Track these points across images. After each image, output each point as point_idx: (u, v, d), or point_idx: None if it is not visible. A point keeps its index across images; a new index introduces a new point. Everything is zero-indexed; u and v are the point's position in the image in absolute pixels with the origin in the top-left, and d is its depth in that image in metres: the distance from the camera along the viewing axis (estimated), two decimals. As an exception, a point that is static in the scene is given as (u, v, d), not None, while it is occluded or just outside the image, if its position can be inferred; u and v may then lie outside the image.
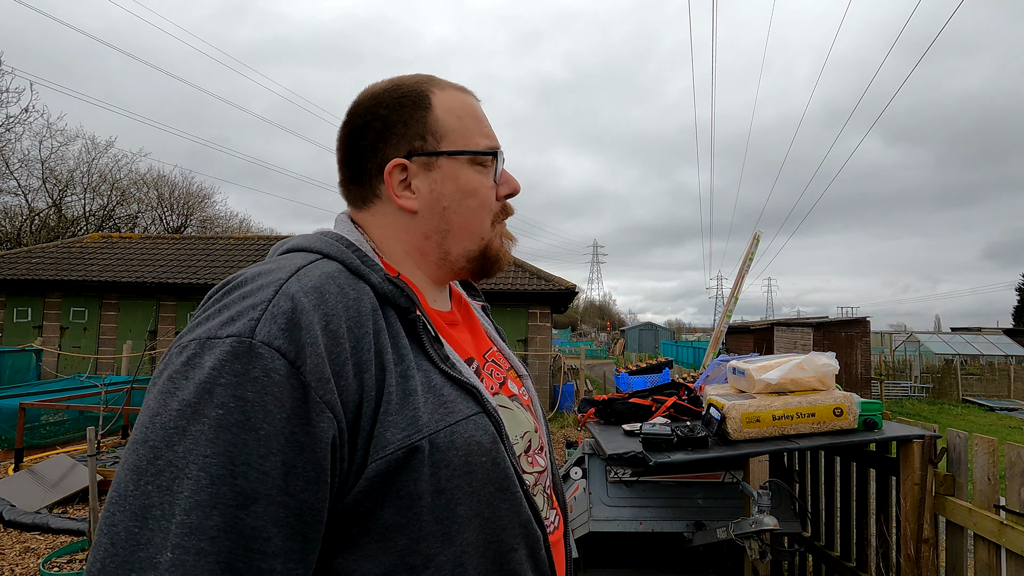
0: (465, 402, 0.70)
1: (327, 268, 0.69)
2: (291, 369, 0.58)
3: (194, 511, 0.52)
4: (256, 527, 0.54)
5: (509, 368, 0.92)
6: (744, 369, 2.32)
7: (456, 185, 0.79)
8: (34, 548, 4.18)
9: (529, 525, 0.72)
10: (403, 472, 0.63)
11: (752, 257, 10.49)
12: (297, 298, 0.62)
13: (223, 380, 0.56)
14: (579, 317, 76.89)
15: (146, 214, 25.40)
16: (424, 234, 0.80)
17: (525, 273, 12.34)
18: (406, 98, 0.79)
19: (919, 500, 2.22)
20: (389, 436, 0.63)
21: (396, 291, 0.71)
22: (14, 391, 7.51)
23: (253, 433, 0.55)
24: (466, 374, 0.73)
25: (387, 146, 0.79)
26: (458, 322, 0.87)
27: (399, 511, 0.63)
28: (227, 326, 0.59)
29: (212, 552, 0.52)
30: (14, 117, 17.89)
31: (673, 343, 40.90)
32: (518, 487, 0.72)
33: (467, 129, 0.80)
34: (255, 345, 0.57)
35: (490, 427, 0.71)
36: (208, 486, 0.53)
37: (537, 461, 0.84)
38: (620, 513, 2.78)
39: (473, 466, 0.67)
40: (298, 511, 0.57)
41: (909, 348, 24.53)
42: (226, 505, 0.53)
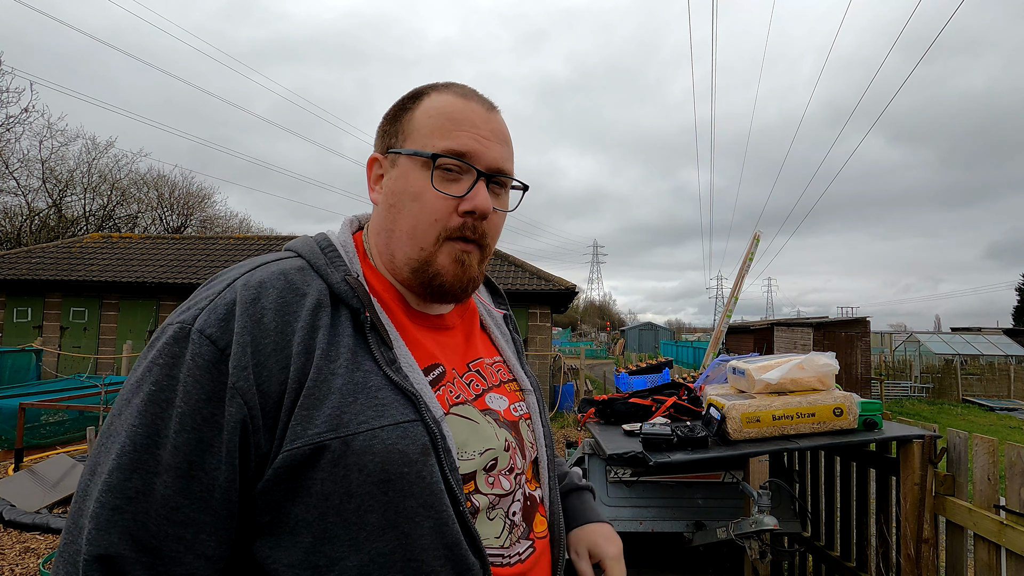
0: (401, 408, 0.68)
1: (287, 265, 0.73)
2: (219, 356, 0.63)
3: (115, 472, 0.60)
4: (166, 495, 0.61)
5: (507, 381, 0.88)
6: (744, 369, 2.32)
7: (405, 185, 0.76)
8: (34, 548, 4.18)
9: (457, 549, 0.67)
10: (312, 469, 0.64)
11: (752, 257, 10.49)
12: (240, 291, 0.67)
13: (161, 361, 0.64)
14: (579, 317, 76.88)
15: (146, 214, 25.41)
16: (378, 228, 0.81)
17: (525, 273, 12.33)
18: (407, 100, 0.81)
19: (919, 500, 2.22)
20: (301, 430, 0.64)
21: (349, 292, 0.72)
22: (14, 391, 7.50)
23: (174, 409, 0.62)
24: (412, 380, 0.71)
25: (378, 142, 0.83)
26: (448, 327, 0.84)
27: (307, 508, 0.64)
28: (182, 314, 0.67)
29: (128, 510, 0.60)
30: (14, 117, 17.92)
31: (673, 343, 40.89)
32: (447, 505, 0.67)
33: (431, 129, 0.76)
34: (191, 332, 0.64)
35: (423, 437, 0.67)
36: (131, 451, 0.61)
37: (500, 483, 0.78)
38: (620, 513, 2.78)
39: (390, 475, 0.65)
40: (208, 486, 0.62)
41: (909, 348, 24.53)
42: (144, 471, 0.61)
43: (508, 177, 0.80)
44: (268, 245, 14.32)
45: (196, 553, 0.62)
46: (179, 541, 0.61)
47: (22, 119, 18.05)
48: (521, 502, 0.80)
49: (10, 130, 18.11)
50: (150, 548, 0.60)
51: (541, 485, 0.86)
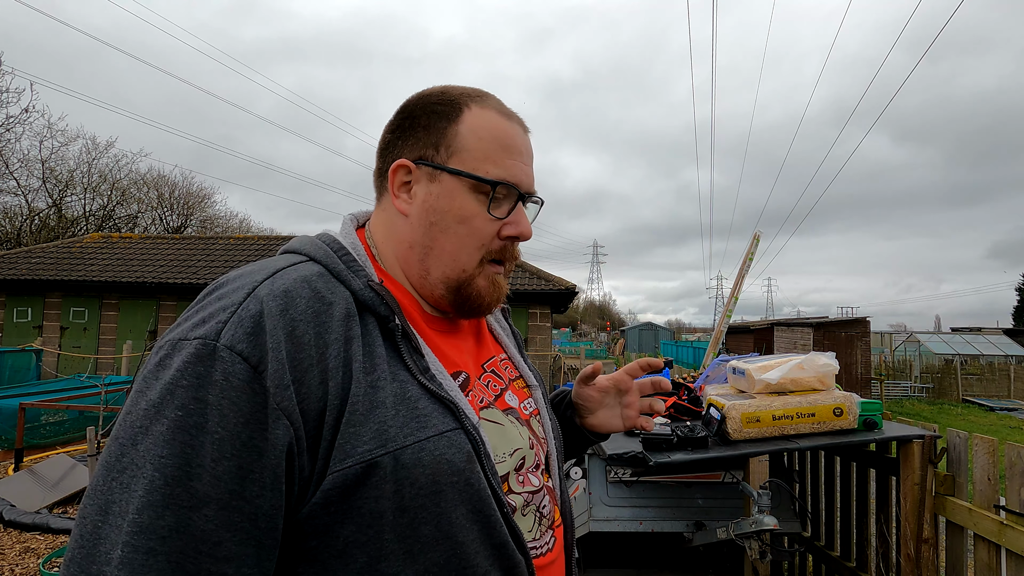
0: (441, 417, 0.67)
1: (306, 271, 0.68)
2: (252, 374, 0.58)
3: (146, 510, 0.53)
4: (207, 530, 0.55)
5: (516, 378, 0.88)
6: (744, 369, 2.31)
7: (450, 205, 0.75)
8: (34, 548, 4.18)
9: (505, 548, 0.69)
10: (363, 488, 0.61)
11: (752, 257, 10.49)
12: (266, 302, 0.62)
13: (184, 382, 0.56)
14: (579, 317, 76.89)
15: (146, 214, 25.41)
16: (409, 243, 0.77)
17: (525, 273, 12.34)
18: (440, 105, 0.77)
19: (919, 500, 2.22)
20: (349, 448, 0.61)
21: (376, 299, 0.69)
22: (14, 391, 7.50)
23: (208, 436, 0.55)
24: (446, 387, 0.70)
25: (404, 145, 0.78)
26: (459, 328, 0.84)
27: (359, 528, 0.61)
28: (197, 328, 0.59)
29: (162, 552, 0.53)
30: (14, 117, 17.92)
31: (673, 343, 40.91)
32: (494, 509, 0.68)
33: (483, 153, 0.75)
34: (218, 348, 0.58)
35: (466, 445, 0.67)
36: (162, 487, 0.54)
37: (530, 480, 0.80)
38: (620, 513, 2.78)
39: (441, 485, 0.64)
40: (252, 516, 0.57)
41: (909, 348, 24.53)
42: (179, 506, 0.54)
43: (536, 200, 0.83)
44: (268, 245, 14.32)
45: None
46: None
47: (22, 119, 18.07)
48: (547, 495, 0.83)
49: (10, 130, 18.12)
50: None
51: (552, 476, 0.88)
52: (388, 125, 0.82)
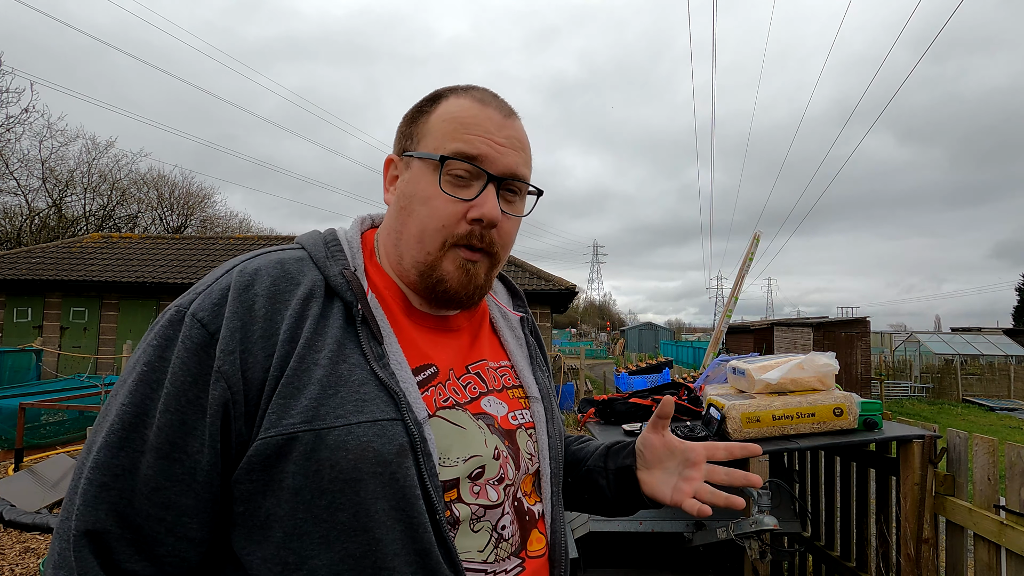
0: (382, 405, 0.66)
1: (288, 255, 0.74)
2: (208, 340, 0.64)
3: (103, 449, 0.62)
4: (149, 475, 0.62)
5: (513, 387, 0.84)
6: (744, 369, 2.31)
7: (415, 188, 0.75)
8: (34, 548, 4.18)
9: (427, 559, 0.64)
10: (283, 461, 0.62)
11: (752, 257, 10.49)
12: (235, 277, 0.69)
13: (155, 342, 0.65)
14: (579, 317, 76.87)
15: (146, 214, 25.41)
16: (388, 229, 0.80)
17: (525, 273, 12.33)
18: (425, 101, 0.81)
19: (919, 500, 2.22)
20: (275, 419, 0.63)
21: (343, 284, 0.72)
22: (14, 391, 7.50)
23: (162, 390, 0.63)
24: (398, 377, 0.68)
25: (395, 143, 0.82)
26: (454, 329, 0.82)
27: (278, 502, 0.63)
28: (182, 298, 0.69)
29: (114, 488, 0.61)
30: (14, 117, 17.92)
31: (673, 343, 40.90)
32: (421, 511, 0.65)
33: (443, 133, 0.74)
34: (186, 315, 0.66)
35: (401, 437, 0.65)
36: (119, 430, 0.62)
37: (487, 493, 0.73)
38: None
39: (363, 474, 0.62)
40: (191, 469, 0.63)
41: (909, 348, 24.52)
42: (131, 450, 0.62)
43: (522, 182, 0.78)
44: (268, 245, 14.29)
45: (178, 535, 0.63)
46: (161, 522, 0.62)
47: (22, 119, 18.08)
48: (512, 515, 0.75)
49: (10, 130, 18.12)
50: (134, 526, 0.62)
51: (543, 499, 0.82)
52: None
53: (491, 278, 0.80)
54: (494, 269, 0.79)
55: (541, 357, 0.94)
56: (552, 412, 0.87)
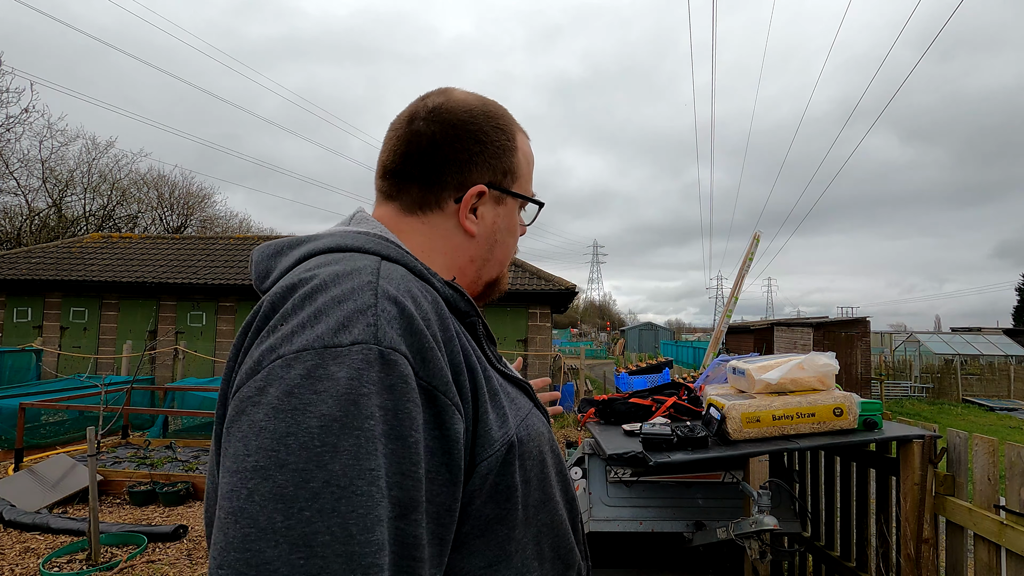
0: (522, 398, 0.75)
1: (400, 271, 0.66)
2: (416, 375, 0.57)
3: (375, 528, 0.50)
4: (416, 535, 0.54)
5: None
6: (744, 369, 2.31)
7: (508, 223, 0.85)
8: (34, 548, 4.18)
9: (574, 502, 0.80)
10: (503, 467, 0.66)
11: (752, 257, 10.49)
12: (400, 301, 0.59)
13: (365, 390, 0.53)
14: (579, 317, 76.88)
15: (146, 214, 25.41)
16: (471, 257, 0.84)
17: (525, 273, 12.33)
18: (502, 132, 0.83)
19: (919, 500, 2.22)
20: (491, 434, 0.65)
21: (457, 296, 0.71)
22: (14, 391, 7.51)
23: (403, 442, 0.54)
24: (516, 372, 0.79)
25: (476, 169, 0.80)
26: None
27: (499, 504, 0.65)
28: (341, 333, 0.55)
29: (386, 567, 0.51)
30: (14, 117, 17.93)
31: (673, 343, 40.91)
32: (566, 470, 0.80)
33: (528, 176, 0.88)
34: (384, 352, 0.55)
35: (543, 418, 0.78)
36: (380, 500, 0.51)
37: None
38: (620, 513, 2.78)
39: (544, 454, 0.73)
40: (437, 515, 0.57)
41: (909, 348, 24.53)
42: (391, 517, 0.52)
43: None
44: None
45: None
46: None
47: (22, 119, 18.08)
48: None
49: (10, 130, 18.13)
50: None
51: None
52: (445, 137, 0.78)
53: None
54: None
55: None
56: None
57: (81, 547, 4.08)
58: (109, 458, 6.02)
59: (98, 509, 3.97)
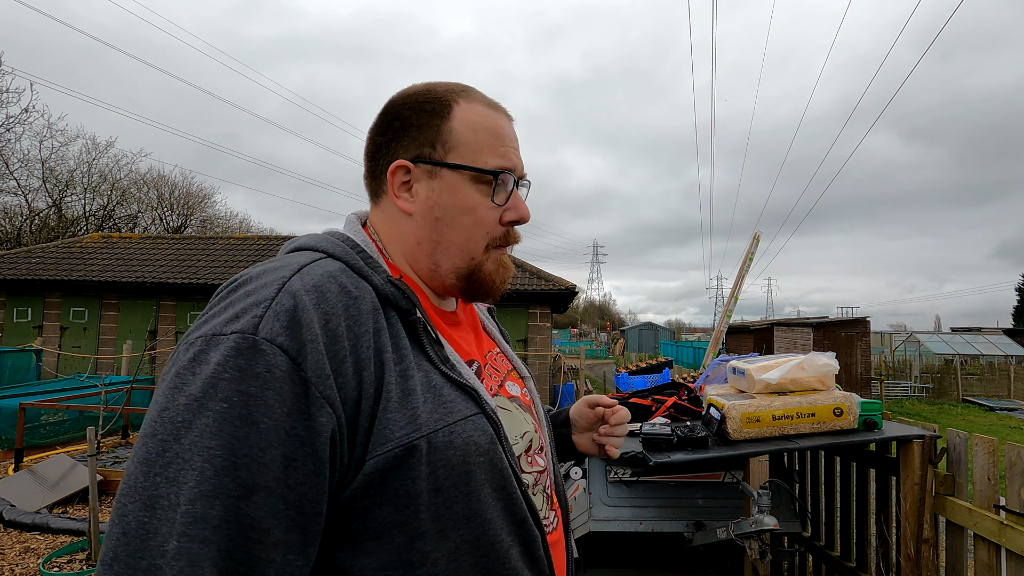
0: (464, 403, 0.71)
1: (330, 267, 0.70)
2: (292, 365, 0.59)
3: (198, 501, 0.54)
4: (256, 517, 0.56)
5: (510, 369, 0.93)
6: (744, 369, 2.32)
7: (453, 199, 0.78)
8: (34, 548, 4.18)
9: (525, 524, 0.74)
10: (401, 470, 0.64)
11: (752, 257, 10.49)
12: (299, 296, 0.63)
13: (227, 375, 0.58)
14: (579, 317, 76.87)
15: (146, 214, 25.41)
16: (416, 239, 0.80)
17: (525, 273, 12.33)
18: (429, 103, 0.80)
19: (919, 500, 2.22)
20: (388, 433, 0.64)
21: (397, 293, 0.72)
22: (14, 391, 7.50)
23: (254, 427, 0.57)
24: (466, 375, 0.74)
25: (399, 146, 0.80)
26: (461, 322, 0.88)
27: (397, 509, 0.64)
28: (231, 323, 0.61)
29: (215, 540, 0.55)
30: (14, 117, 17.92)
31: (673, 343, 40.91)
32: (515, 487, 0.73)
33: (479, 144, 0.79)
34: (258, 341, 0.59)
35: (488, 428, 0.72)
36: (212, 477, 0.55)
37: (537, 461, 0.85)
38: (620, 513, 2.78)
39: (471, 466, 0.68)
40: (297, 503, 0.59)
41: (909, 348, 24.53)
42: (228, 496, 0.55)
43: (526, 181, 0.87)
44: (268, 245, 14.32)
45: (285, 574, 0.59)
46: (269, 564, 0.58)
47: (22, 119, 18.07)
48: (548, 475, 0.88)
49: (10, 130, 18.12)
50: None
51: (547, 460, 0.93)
52: (375, 128, 0.83)
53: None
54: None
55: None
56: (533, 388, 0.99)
57: (81, 547, 4.08)
58: (109, 458, 6.03)
59: (98, 509, 3.97)
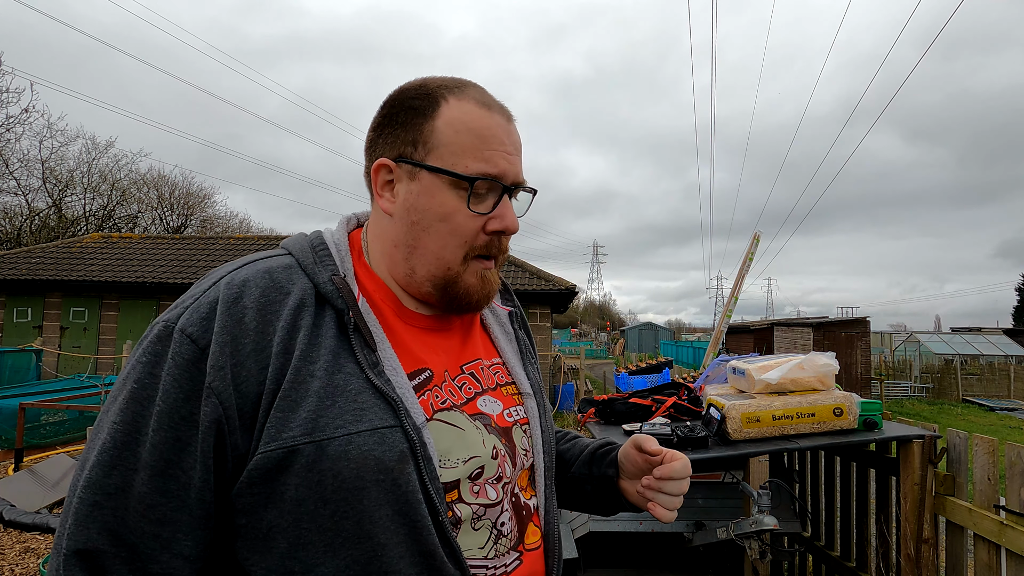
0: (380, 413, 0.66)
1: (275, 263, 0.73)
2: (198, 355, 0.64)
3: (96, 468, 0.62)
4: (144, 492, 0.62)
5: (506, 384, 0.84)
6: (744, 369, 2.31)
7: (430, 203, 0.73)
8: (34, 548, 4.18)
9: (432, 560, 0.66)
10: (284, 474, 0.63)
11: (752, 257, 10.49)
12: (222, 290, 0.67)
13: (144, 359, 0.65)
14: (579, 317, 76.87)
15: (146, 214, 25.41)
16: (393, 241, 0.77)
17: (525, 273, 12.33)
18: (418, 100, 0.76)
19: (919, 500, 2.22)
20: (274, 433, 0.63)
21: (334, 292, 0.71)
22: (14, 391, 7.50)
23: (153, 407, 0.63)
24: (394, 384, 0.69)
25: (384, 144, 0.77)
26: (447, 328, 0.81)
27: (281, 513, 0.63)
28: (168, 313, 0.68)
29: (107, 507, 0.61)
30: (14, 117, 17.92)
31: (673, 343, 40.90)
32: (424, 515, 0.66)
33: (460, 147, 0.73)
34: (173, 331, 0.65)
35: (401, 444, 0.66)
36: (111, 448, 0.62)
37: (486, 492, 0.74)
38: (620, 513, 2.78)
39: (365, 482, 0.63)
40: (185, 485, 0.63)
41: (909, 348, 24.53)
42: (124, 468, 0.62)
43: (526, 189, 0.81)
44: (268, 245, 14.32)
45: (173, 552, 0.63)
46: (156, 539, 0.62)
47: (22, 119, 18.07)
48: (510, 511, 0.77)
49: (10, 130, 18.12)
50: (128, 544, 0.61)
51: (536, 493, 0.83)
52: (372, 122, 0.80)
53: (499, 279, 0.83)
54: (499, 269, 0.82)
55: (531, 351, 0.96)
56: (544, 407, 0.89)
57: (81, 547, 4.08)
58: (109, 458, 6.02)
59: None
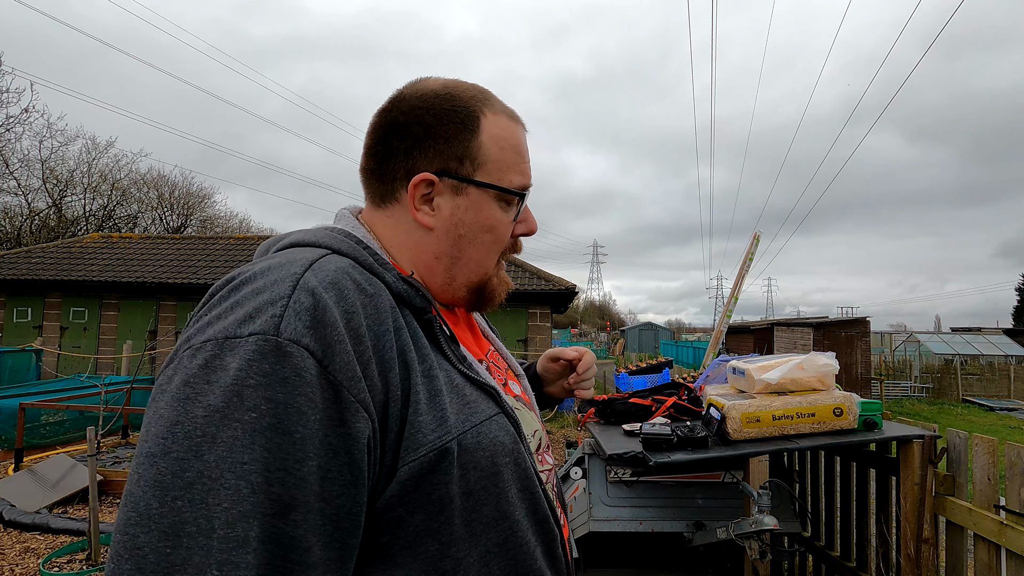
0: (485, 403, 0.69)
1: (340, 263, 0.65)
2: (320, 368, 0.54)
3: (238, 523, 0.48)
4: (295, 536, 0.51)
5: (507, 368, 0.91)
6: (744, 369, 2.31)
7: (478, 217, 0.76)
8: (34, 548, 4.18)
9: (546, 523, 0.72)
10: (434, 475, 0.61)
11: (752, 257, 10.49)
12: (317, 293, 0.58)
13: (251, 381, 0.51)
14: (579, 317, 76.88)
15: (146, 214, 25.42)
16: (435, 254, 0.77)
17: (525, 273, 12.33)
18: (455, 113, 0.75)
19: (919, 500, 2.22)
20: (420, 437, 0.60)
21: (411, 291, 0.69)
22: (14, 391, 7.50)
23: (288, 437, 0.51)
24: (483, 375, 0.72)
25: (421, 156, 0.74)
26: (459, 322, 0.86)
27: (429, 515, 0.61)
28: (246, 324, 0.54)
29: (255, 565, 0.49)
30: (14, 117, 17.93)
31: (673, 343, 40.89)
32: (537, 486, 0.72)
33: (505, 163, 0.77)
34: (282, 343, 0.53)
35: (510, 427, 0.70)
36: (249, 495, 0.49)
37: (546, 459, 0.85)
38: (620, 513, 2.78)
39: (499, 466, 0.67)
40: (335, 517, 0.54)
41: (909, 348, 24.54)
42: (266, 515, 0.49)
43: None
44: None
45: None
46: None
47: (22, 119, 18.08)
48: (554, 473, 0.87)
49: (10, 130, 18.13)
50: None
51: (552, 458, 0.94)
52: (388, 127, 0.76)
53: None
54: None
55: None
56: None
57: (81, 547, 4.08)
58: (109, 458, 6.03)
59: (98, 509, 3.97)
